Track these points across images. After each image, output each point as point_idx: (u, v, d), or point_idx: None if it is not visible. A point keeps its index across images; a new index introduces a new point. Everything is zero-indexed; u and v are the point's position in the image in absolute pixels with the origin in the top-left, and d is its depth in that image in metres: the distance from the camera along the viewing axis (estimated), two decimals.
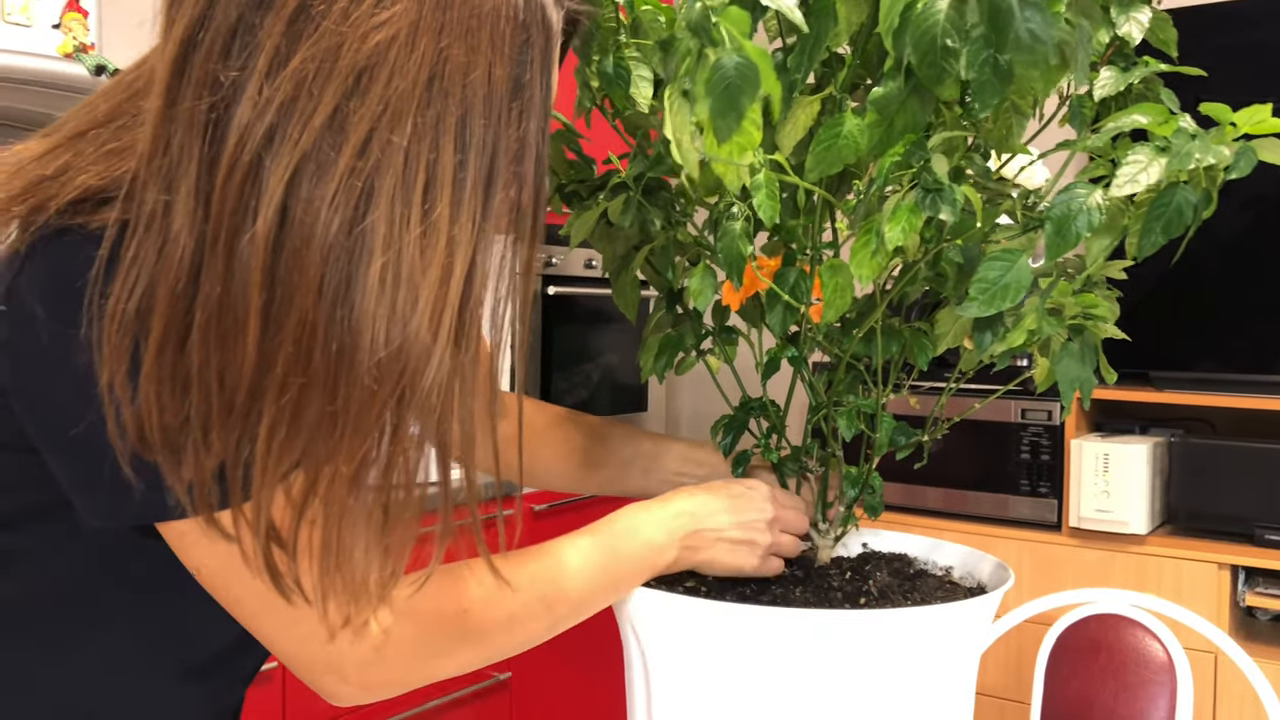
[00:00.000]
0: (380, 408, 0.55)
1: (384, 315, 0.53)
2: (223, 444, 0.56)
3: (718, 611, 0.77)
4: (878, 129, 0.68)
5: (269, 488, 0.56)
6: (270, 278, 0.53)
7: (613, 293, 0.91)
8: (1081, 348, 0.79)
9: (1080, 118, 0.79)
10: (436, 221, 0.54)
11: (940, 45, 0.62)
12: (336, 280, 0.53)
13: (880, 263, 0.69)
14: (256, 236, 0.52)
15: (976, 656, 0.86)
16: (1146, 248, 0.68)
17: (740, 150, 0.64)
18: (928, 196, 0.67)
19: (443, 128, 0.54)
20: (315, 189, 0.52)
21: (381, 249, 0.53)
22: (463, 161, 0.54)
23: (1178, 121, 0.66)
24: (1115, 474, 2.31)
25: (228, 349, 0.54)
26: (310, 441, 0.55)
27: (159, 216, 0.55)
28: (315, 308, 0.53)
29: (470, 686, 2.34)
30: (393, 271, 0.53)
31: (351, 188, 0.52)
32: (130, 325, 0.56)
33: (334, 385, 0.54)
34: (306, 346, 0.53)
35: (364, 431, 0.55)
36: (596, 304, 2.83)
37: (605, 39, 0.76)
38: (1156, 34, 0.79)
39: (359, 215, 0.52)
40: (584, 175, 0.91)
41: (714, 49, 0.61)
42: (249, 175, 0.52)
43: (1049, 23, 0.60)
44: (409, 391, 0.55)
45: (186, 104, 0.54)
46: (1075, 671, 1.70)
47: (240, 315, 0.53)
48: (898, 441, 0.89)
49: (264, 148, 0.52)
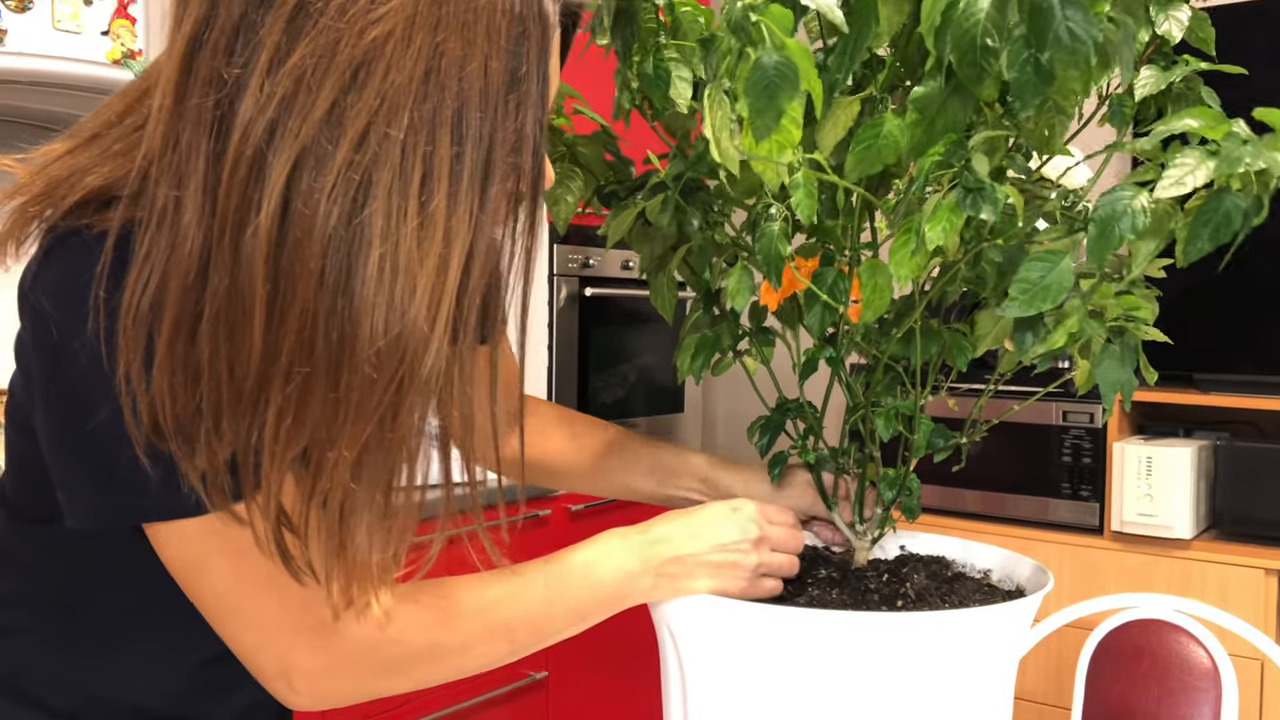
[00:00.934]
0: (380, 395, 0.56)
1: (383, 305, 0.55)
2: (234, 432, 0.57)
3: (754, 613, 0.77)
4: (918, 128, 0.68)
5: (277, 472, 0.58)
6: (274, 269, 0.54)
7: (650, 293, 0.91)
8: (1122, 349, 0.78)
9: (1121, 117, 0.79)
10: (433, 213, 0.55)
11: (981, 45, 0.62)
12: (336, 271, 0.54)
13: (920, 262, 0.69)
14: (260, 229, 0.54)
15: (1015, 660, 0.85)
16: (1193, 253, 0.67)
17: (779, 149, 0.64)
18: (969, 196, 0.66)
19: (439, 120, 0.55)
20: (315, 181, 0.54)
21: (379, 240, 0.54)
22: (459, 154, 0.56)
23: (1230, 125, 0.65)
24: (1158, 477, 2.28)
25: (236, 339, 0.56)
26: (315, 428, 0.56)
27: (170, 212, 0.57)
28: (316, 298, 0.54)
29: (506, 686, 2.36)
30: (390, 262, 0.54)
31: (349, 180, 0.54)
32: (144, 319, 0.58)
33: (335, 373, 0.55)
34: (309, 336, 0.55)
35: (365, 418, 0.56)
36: (633, 305, 2.83)
37: (645, 40, 0.76)
38: (1195, 32, 0.78)
39: (357, 207, 0.54)
40: (622, 176, 0.91)
41: (754, 47, 0.61)
42: (252, 169, 0.54)
43: (1091, 22, 0.59)
44: (408, 379, 0.56)
45: (194, 101, 0.55)
46: (1117, 677, 1.68)
47: (247, 306, 0.55)
48: (936, 443, 0.88)
49: (265, 142, 0.54)
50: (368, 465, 0.58)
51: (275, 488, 0.58)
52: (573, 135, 0.89)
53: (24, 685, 0.74)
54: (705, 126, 0.66)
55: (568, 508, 2.47)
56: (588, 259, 2.70)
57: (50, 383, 0.63)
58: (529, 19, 0.58)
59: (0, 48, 1.78)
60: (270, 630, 0.68)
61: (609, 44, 0.78)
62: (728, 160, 0.66)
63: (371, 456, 0.58)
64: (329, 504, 0.58)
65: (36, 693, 0.74)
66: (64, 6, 1.86)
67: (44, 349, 0.62)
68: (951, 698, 0.78)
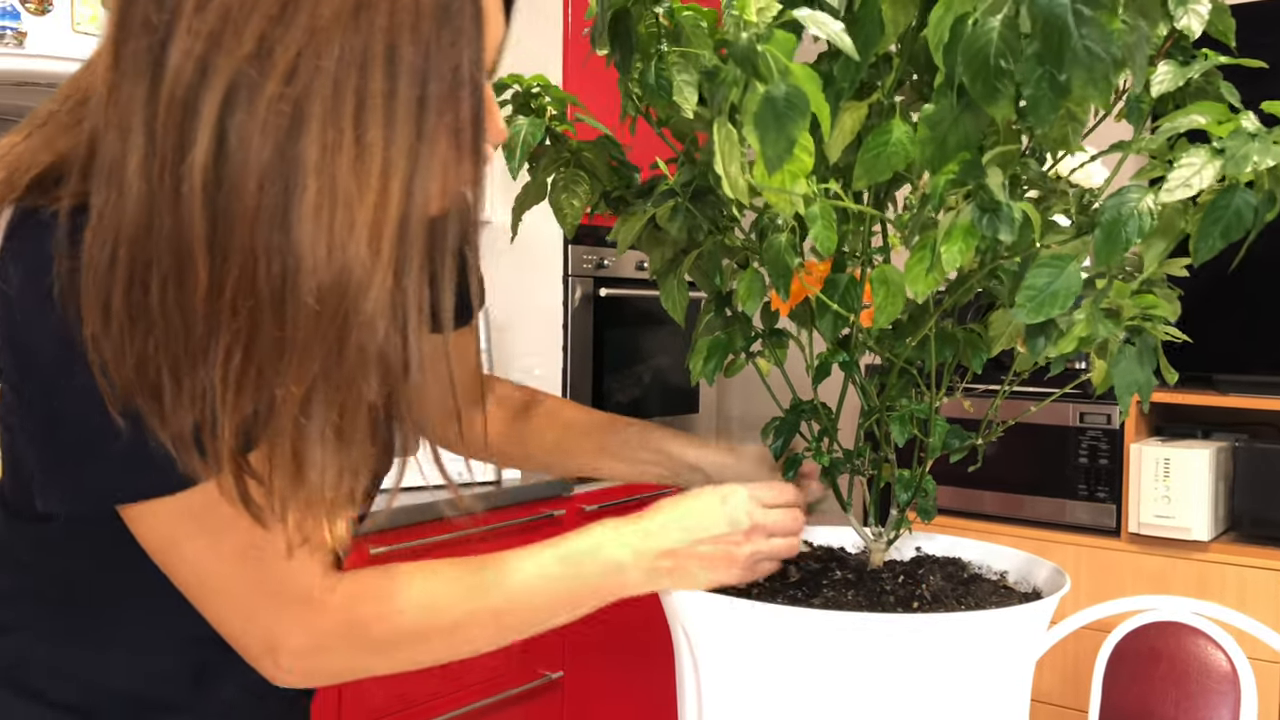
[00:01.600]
0: (325, 329, 0.56)
1: (322, 238, 0.55)
2: (191, 380, 0.57)
3: (769, 613, 0.77)
4: (930, 146, 0.67)
5: (231, 416, 0.58)
6: (212, 207, 0.55)
7: (661, 295, 0.91)
8: (1140, 349, 0.77)
9: (1138, 113, 0.78)
10: (369, 146, 0.55)
11: (994, 66, 0.61)
12: (273, 205, 0.55)
13: (935, 279, 0.68)
14: (195, 165, 0.54)
15: (1032, 663, 0.84)
16: (1204, 252, 0.66)
17: (792, 178, 0.64)
18: (984, 216, 0.65)
19: (371, 54, 0.55)
20: (247, 116, 0.54)
21: (315, 173, 0.54)
22: (393, 88, 0.56)
23: (1238, 121, 0.64)
24: (1176, 479, 2.26)
25: (183, 282, 0.56)
26: (263, 366, 0.57)
27: (116, 164, 0.57)
28: (255, 233, 0.55)
29: (522, 685, 2.36)
30: (328, 195, 0.55)
31: (280, 113, 0.54)
32: (104, 276, 0.58)
33: (280, 309, 0.56)
34: (251, 272, 0.55)
35: (311, 353, 0.57)
36: (648, 305, 2.83)
37: (646, 47, 0.76)
38: (1215, 24, 0.77)
39: (290, 140, 0.54)
40: (628, 181, 0.91)
41: (761, 81, 0.60)
42: (186, 107, 0.54)
43: (1108, 39, 0.58)
44: (353, 313, 0.56)
45: (130, 48, 0.56)
46: (1134, 680, 1.67)
47: (189, 247, 0.55)
48: (951, 445, 0.88)
49: (197, 79, 0.54)
50: (318, 401, 0.58)
51: (231, 431, 0.59)
52: (577, 141, 0.90)
53: (24, 678, 0.75)
54: (715, 162, 0.66)
55: (581, 507, 2.47)
56: (602, 259, 2.70)
57: (21, 369, 0.64)
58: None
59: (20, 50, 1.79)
60: (253, 609, 0.69)
61: (608, 54, 0.78)
62: (739, 193, 0.66)
63: (321, 392, 0.58)
64: (282, 441, 0.59)
65: (36, 685, 0.75)
66: (83, 9, 1.87)
67: (13, 335, 0.63)
68: (968, 700, 0.77)
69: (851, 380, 0.88)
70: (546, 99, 0.87)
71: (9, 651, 0.76)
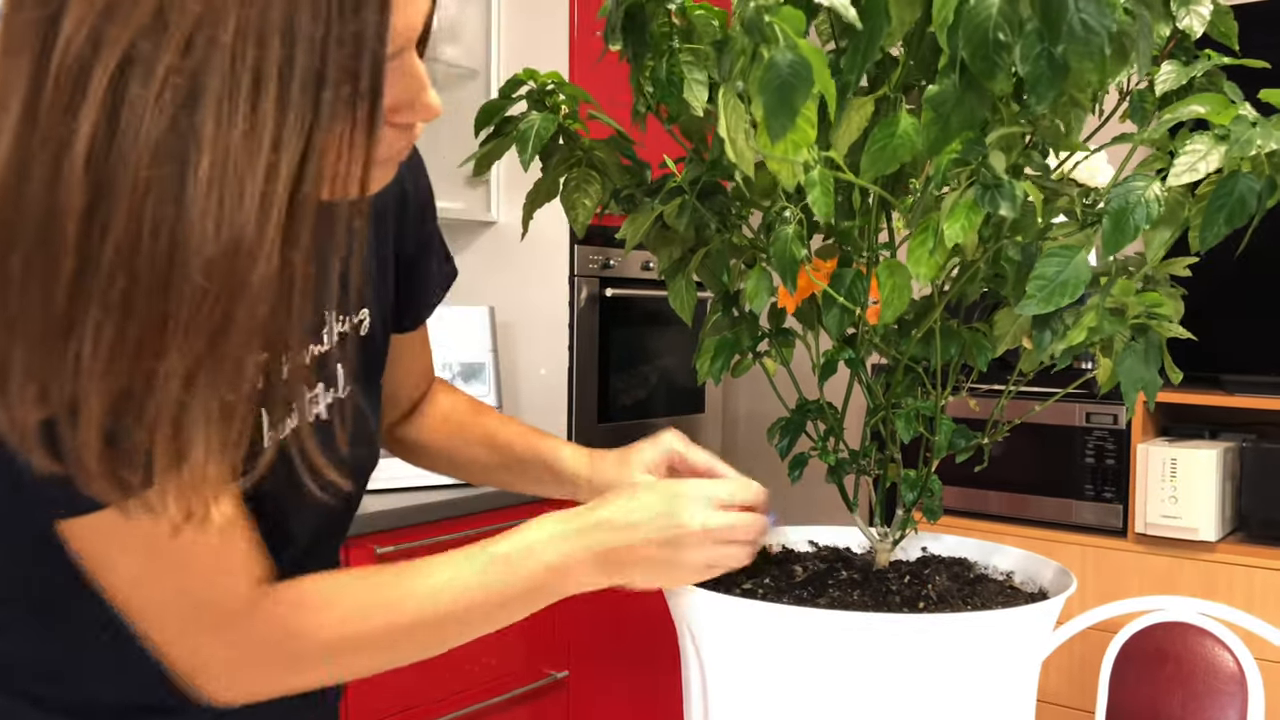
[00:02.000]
0: (212, 304, 0.55)
1: (212, 213, 0.54)
2: (49, 358, 0.56)
3: (774, 614, 0.77)
4: (934, 127, 0.67)
5: (99, 396, 0.56)
6: (94, 180, 0.53)
7: (669, 295, 0.91)
8: (1145, 347, 0.78)
9: (1141, 113, 0.78)
10: (263, 119, 0.54)
11: (993, 39, 0.62)
12: (164, 179, 0.53)
13: (939, 261, 0.69)
14: (79, 137, 0.53)
15: (1038, 663, 0.84)
16: (1209, 239, 0.66)
17: (795, 148, 0.64)
18: (987, 193, 0.66)
19: (268, 24, 0.53)
20: (141, 90, 0.52)
21: (209, 147, 0.53)
22: (289, 57, 0.54)
23: (1237, 109, 0.65)
24: (1183, 479, 2.26)
25: (49, 256, 0.54)
26: (140, 342, 0.55)
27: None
28: (143, 207, 0.53)
29: (526, 685, 2.36)
30: (220, 170, 0.53)
31: (176, 86, 0.52)
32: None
33: (164, 283, 0.54)
34: (133, 246, 0.54)
35: (197, 329, 0.55)
36: (654, 305, 2.83)
37: (658, 44, 0.76)
38: (1217, 26, 0.77)
39: (185, 114, 0.53)
40: (639, 179, 0.91)
41: (768, 47, 0.61)
42: (76, 79, 0.53)
43: (1104, 13, 0.59)
44: (240, 287, 0.55)
45: (21, 18, 0.55)
46: (1141, 680, 1.67)
47: (60, 219, 0.54)
48: (957, 444, 0.88)
49: (89, 51, 0.53)
50: (203, 378, 0.57)
51: (99, 411, 0.57)
52: (589, 140, 0.90)
53: (12, 680, 0.75)
54: (720, 127, 0.66)
55: None
56: (608, 259, 2.71)
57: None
58: None
59: None
60: (178, 626, 0.68)
61: (621, 50, 0.78)
62: (743, 161, 0.66)
63: (206, 369, 0.56)
64: (162, 419, 0.57)
65: (27, 688, 0.75)
66: None
67: None
68: (973, 700, 0.77)
69: (857, 379, 0.88)
70: (560, 96, 0.87)
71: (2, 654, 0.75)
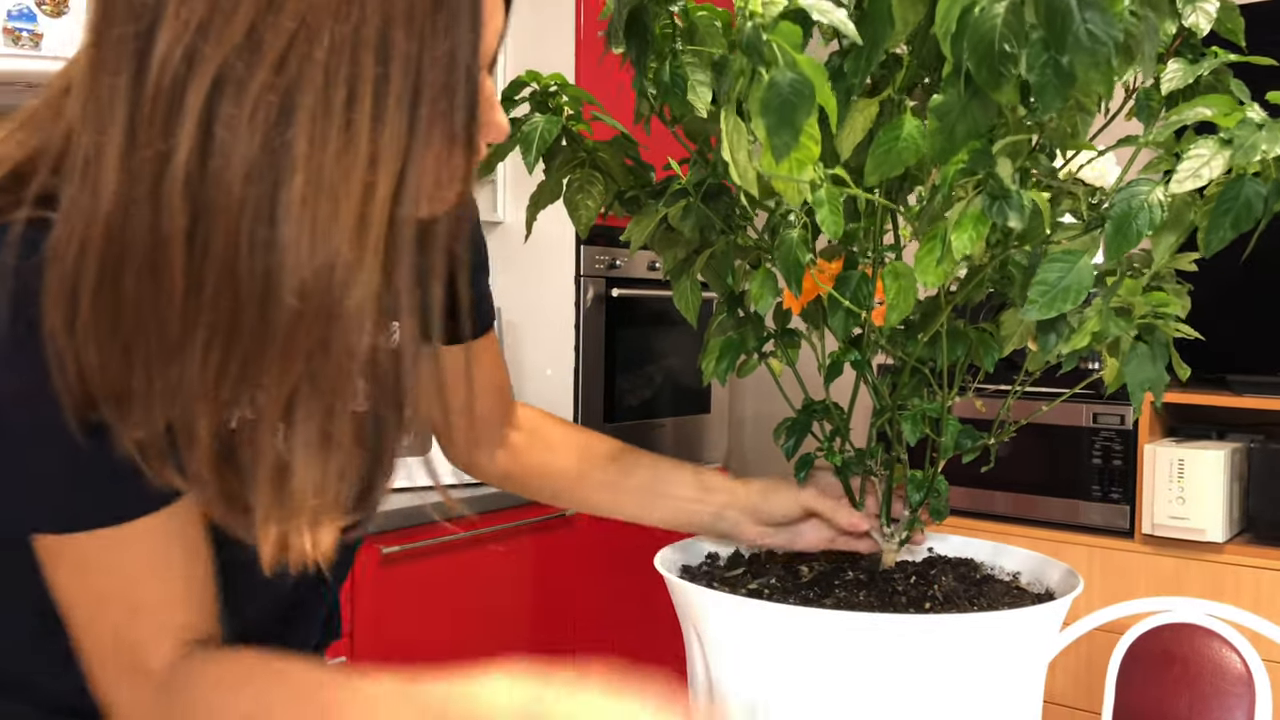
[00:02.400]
0: (308, 328, 0.54)
1: (306, 232, 0.53)
2: (164, 379, 0.55)
3: (781, 614, 0.77)
4: (939, 136, 0.67)
5: (209, 418, 0.56)
6: (193, 201, 0.53)
7: (674, 296, 0.91)
8: (1152, 347, 0.77)
9: (1147, 111, 0.78)
10: (355, 136, 0.53)
11: (998, 50, 0.61)
12: (258, 199, 0.53)
13: (946, 270, 0.68)
14: (178, 158, 0.52)
15: (1044, 664, 0.84)
16: (1215, 243, 0.66)
17: (799, 166, 0.64)
18: (994, 204, 0.65)
19: (361, 40, 0.53)
20: (234, 108, 0.52)
21: (302, 165, 0.52)
22: (384, 75, 0.53)
23: (1244, 112, 0.65)
24: (1190, 480, 2.25)
25: (159, 278, 0.54)
26: (243, 365, 0.55)
27: (92, 159, 0.55)
28: (239, 227, 0.53)
29: None
30: (314, 188, 0.53)
31: (269, 104, 0.52)
32: (72, 270, 0.56)
33: (262, 305, 0.54)
34: (232, 267, 0.53)
35: (293, 352, 0.55)
36: (660, 306, 2.83)
37: (661, 46, 0.76)
38: (1224, 23, 0.77)
39: (278, 132, 0.52)
40: (643, 181, 0.91)
41: (767, 68, 0.60)
42: (171, 98, 0.52)
43: (1109, 22, 0.59)
44: (336, 311, 0.54)
45: (113, 35, 0.54)
46: (1148, 682, 1.66)
47: (166, 242, 0.53)
48: (963, 445, 0.88)
49: (184, 69, 0.52)
50: (302, 404, 0.56)
51: (208, 435, 0.56)
52: (593, 141, 0.90)
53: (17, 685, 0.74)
54: (722, 148, 0.66)
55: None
56: (614, 260, 2.71)
57: None
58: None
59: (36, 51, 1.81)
60: (99, 658, 0.67)
61: (624, 52, 0.78)
62: (746, 181, 0.66)
63: (305, 394, 0.56)
64: (264, 446, 0.57)
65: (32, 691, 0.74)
66: None
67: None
68: (979, 701, 0.77)
69: (863, 379, 0.88)
70: (564, 98, 0.87)
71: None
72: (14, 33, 1.79)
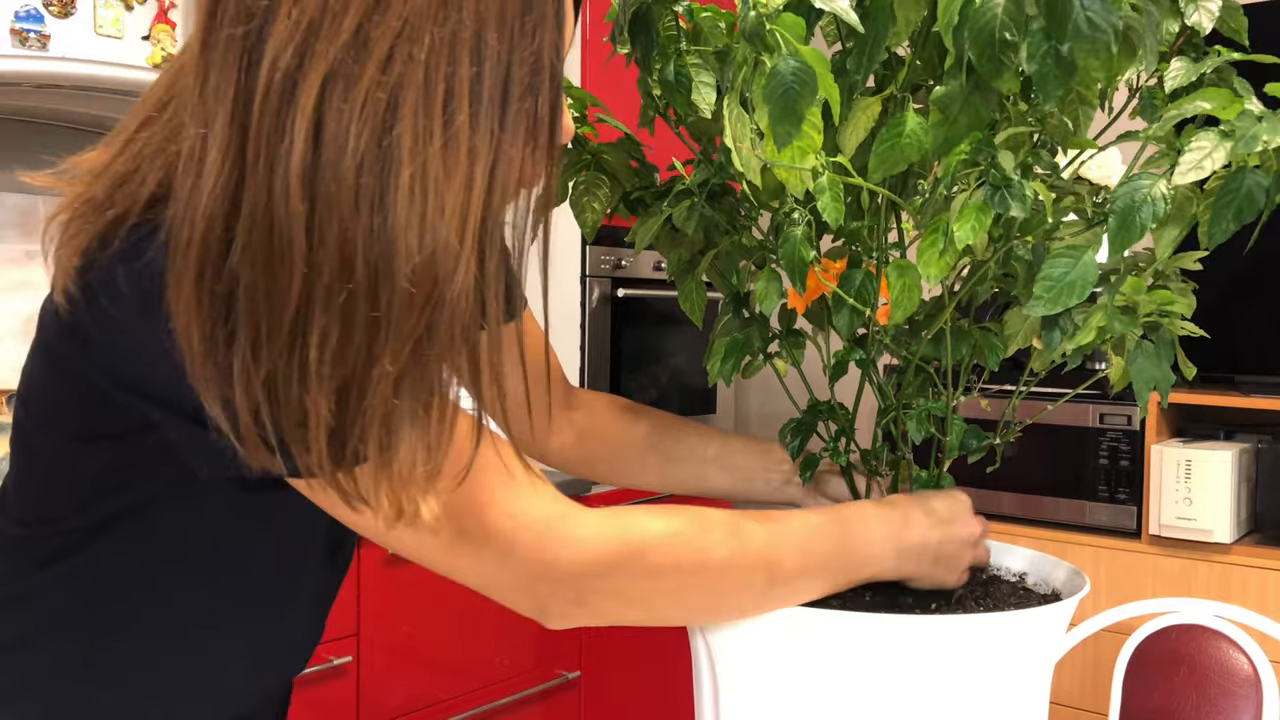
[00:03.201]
0: (419, 311, 0.57)
1: (415, 223, 0.56)
2: (271, 362, 0.58)
3: (786, 614, 0.77)
4: (941, 128, 0.67)
5: (324, 396, 0.58)
6: (310, 189, 0.56)
7: (679, 296, 0.91)
8: (1157, 345, 0.77)
9: (1151, 110, 0.78)
10: (457, 133, 0.56)
11: (999, 38, 0.62)
12: (370, 190, 0.55)
13: (949, 262, 0.69)
14: (294, 150, 0.55)
15: (1050, 665, 0.84)
16: (1217, 235, 0.66)
17: (801, 155, 0.64)
18: (996, 193, 0.66)
19: (459, 41, 0.56)
20: (344, 103, 0.55)
21: (409, 159, 0.55)
22: (479, 74, 0.57)
23: (1243, 104, 0.64)
24: (1198, 481, 2.25)
25: (274, 264, 0.56)
26: (359, 347, 0.57)
27: (197, 151, 0.58)
28: (354, 217, 0.56)
29: (539, 685, 2.37)
30: (420, 181, 0.56)
31: (377, 100, 0.55)
32: (188, 264, 0.58)
33: (375, 291, 0.57)
34: (348, 255, 0.56)
35: (404, 334, 0.57)
36: (665, 306, 2.83)
37: (665, 46, 0.76)
38: (1227, 23, 0.77)
39: (386, 127, 0.55)
40: (648, 182, 0.91)
41: (770, 56, 0.61)
42: (284, 94, 0.55)
43: (1109, 10, 0.59)
44: (443, 294, 0.58)
45: (222, 35, 0.57)
46: (1155, 683, 1.66)
47: (285, 228, 0.56)
48: (969, 445, 0.87)
49: (295, 67, 0.55)
50: (409, 381, 0.59)
51: (322, 412, 0.59)
52: (597, 143, 0.90)
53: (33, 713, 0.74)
54: (725, 137, 0.66)
55: None
56: (620, 260, 2.71)
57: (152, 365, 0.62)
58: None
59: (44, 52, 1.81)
60: (507, 591, 0.70)
61: (629, 53, 0.78)
62: (749, 169, 0.66)
63: (412, 373, 0.59)
64: (372, 421, 0.59)
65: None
66: (106, 12, 1.89)
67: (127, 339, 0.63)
68: (986, 702, 0.77)
69: (868, 379, 0.87)
70: (569, 100, 0.88)
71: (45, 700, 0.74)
72: (21, 34, 1.79)
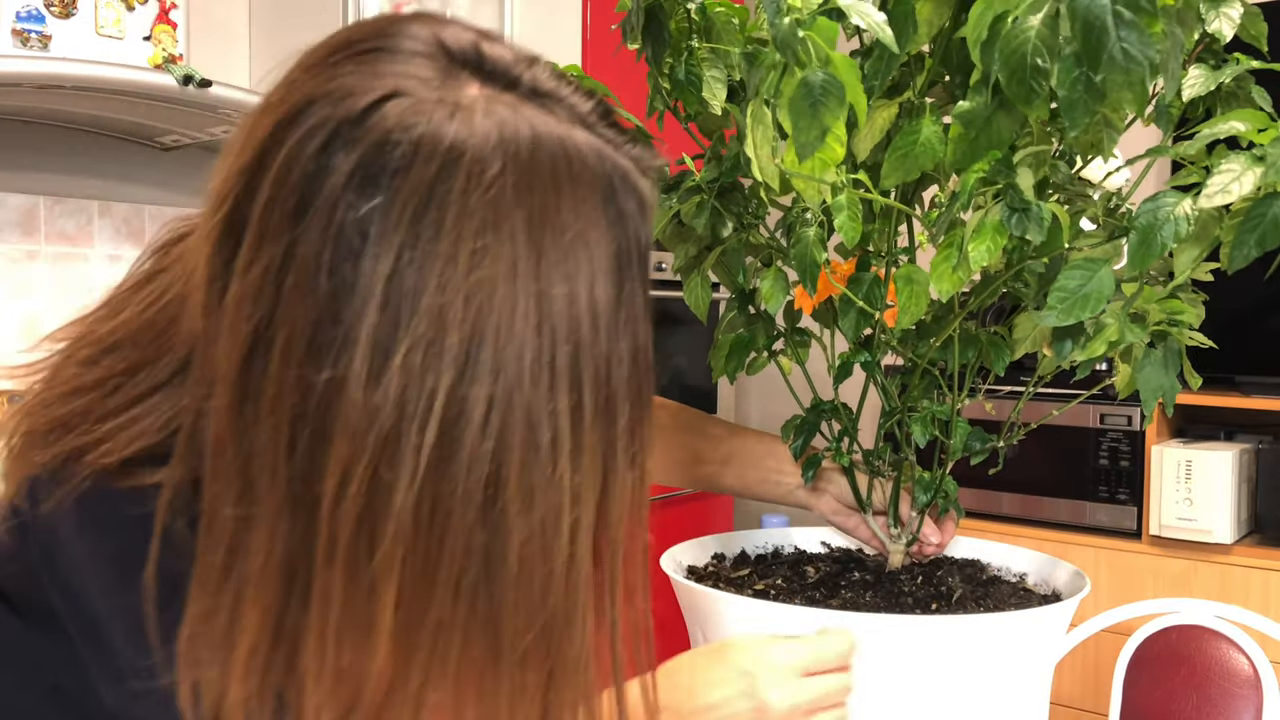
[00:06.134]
0: (533, 688, 0.51)
1: (524, 595, 0.49)
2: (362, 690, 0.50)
3: (787, 615, 0.77)
4: (962, 143, 0.66)
5: None
6: (401, 579, 0.48)
7: (684, 292, 0.91)
8: (1165, 354, 0.77)
9: (1166, 117, 0.77)
10: (559, 480, 0.49)
11: (1031, 64, 0.59)
12: (473, 577, 0.49)
13: (961, 278, 0.68)
14: (386, 550, 0.47)
15: (1051, 665, 0.84)
16: (1239, 260, 0.65)
17: (822, 166, 0.63)
18: (1014, 215, 0.65)
19: (557, 370, 0.49)
20: (442, 485, 0.47)
21: (519, 528, 0.48)
22: (579, 401, 0.49)
23: (1277, 129, 0.64)
24: (1198, 481, 2.25)
25: (357, 648, 0.49)
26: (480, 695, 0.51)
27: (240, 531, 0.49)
28: (454, 608, 0.48)
29: None
30: (529, 549, 0.49)
31: (478, 474, 0.47)
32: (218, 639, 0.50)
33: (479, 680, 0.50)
34: (444, 644, 0.49)
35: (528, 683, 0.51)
36: (666, 305, 2.83)
37: (677, 42, 0.76)
38: (1247, 29, 0.76)
39: (490, 502, 0.48)
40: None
41: (800, 66, 0.60)
42: (368, 487, 0.47)
43: (1146, 43, 0.57)
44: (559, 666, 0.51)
45: (266, 406, 0.48)
46: (1155, 683, 1.66)
47: (370, 620, 0.48)
48: (972, 447, 0.87)
49: (380, 456, 0.47)
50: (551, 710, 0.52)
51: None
52: None
53: None
54: (746, 144, 0.65)
55: None
56: None
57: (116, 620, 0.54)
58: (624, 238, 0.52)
59: (45, 53, 1.81)
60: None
61: (640, 48, 0.78)
62: (768, 177, 0.65)
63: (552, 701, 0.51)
64: None
65: None
66: (107, 12, 1.89)
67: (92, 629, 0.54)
68: (986, 702, 0.77)
69: (873, 380, 0.87)
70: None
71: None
72: (23, 34, 1.79)
